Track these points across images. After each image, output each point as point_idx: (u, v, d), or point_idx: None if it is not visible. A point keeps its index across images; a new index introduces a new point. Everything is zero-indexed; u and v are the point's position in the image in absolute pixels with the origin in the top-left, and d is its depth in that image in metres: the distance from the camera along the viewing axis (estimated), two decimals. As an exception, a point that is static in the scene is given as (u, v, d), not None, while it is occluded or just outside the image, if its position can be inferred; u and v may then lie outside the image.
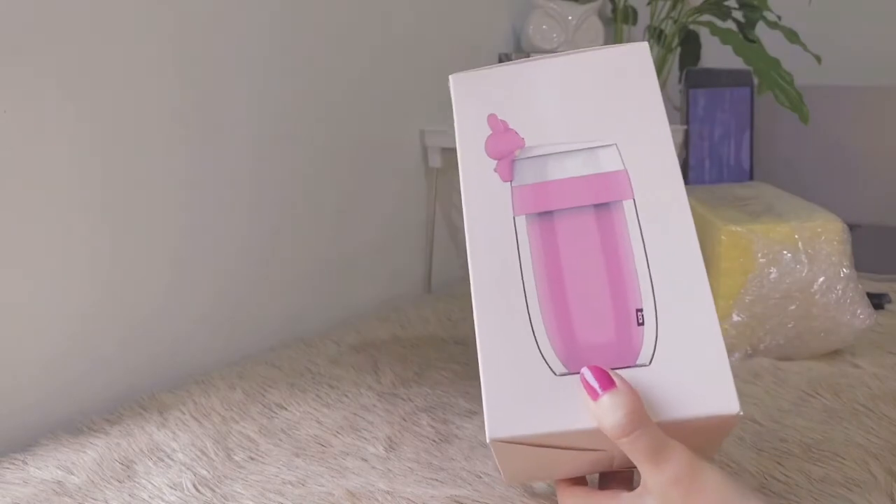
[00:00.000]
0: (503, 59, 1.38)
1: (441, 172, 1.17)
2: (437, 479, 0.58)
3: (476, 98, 0.54)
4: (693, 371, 0.44)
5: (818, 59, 1.17)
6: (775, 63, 1.09)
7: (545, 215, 0.50)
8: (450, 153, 1.16)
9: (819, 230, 0.80)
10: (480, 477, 0.58)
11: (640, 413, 0.41)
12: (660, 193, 0.49)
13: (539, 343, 0.47)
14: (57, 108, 0.69)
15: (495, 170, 0.51)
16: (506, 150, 0.52)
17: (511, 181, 0.51)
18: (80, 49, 0.70)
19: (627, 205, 0.49)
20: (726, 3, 1.25)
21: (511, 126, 0.52)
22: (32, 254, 0.68)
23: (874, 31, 1.49)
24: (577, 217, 0.49)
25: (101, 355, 0.74)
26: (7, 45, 0.65)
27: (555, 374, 0.46)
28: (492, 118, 0.53)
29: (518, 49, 1.31)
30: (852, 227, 0.84)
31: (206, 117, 0.83)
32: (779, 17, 1.20)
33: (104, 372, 0.75)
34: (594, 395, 0.43)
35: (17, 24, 0.65)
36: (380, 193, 1.08)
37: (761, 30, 1.21)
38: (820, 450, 0.61)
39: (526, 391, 0.46)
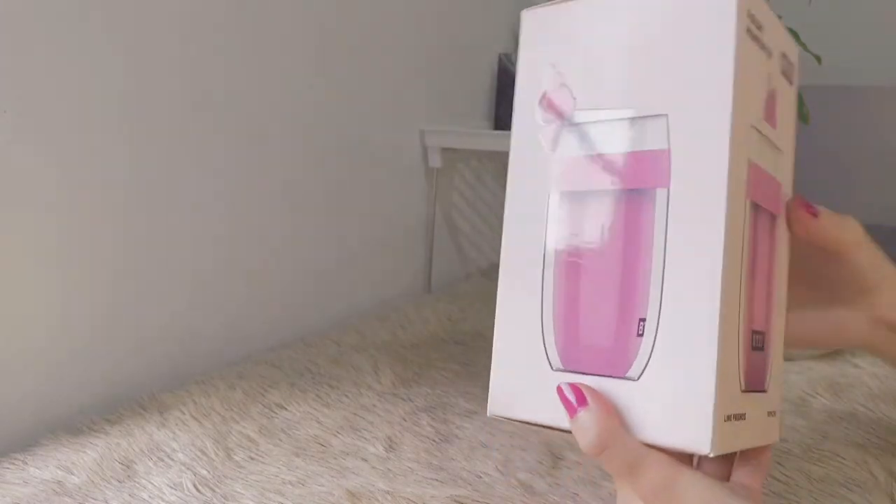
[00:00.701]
0: (503, 59, 1.38)
1: (441, 172, 1.17)
2: (437, 479, 0.58)
3: (541, 44, 0.47)
4: (676, 398, 0.40)
5: (818, 59, 1.17)
6: (775, 63, 1.08)
7: (577, 194, 0.44)
8: (450, 153, 1.16)
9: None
10: (480, 477, 0.58)
11: (611, 431, 0.40)
12: (698, 184, 0.40)
13: (544, 334, 0.44)
14: (55, 112, 0.69)
15: (543, 136, 0.45)
16: (555, 112, 0.45)
17: (553, 150, 0.45)
18: (89, 51, 0.70)
19: (660, 194, 0.41)
20: (726, 3, 1.25)
21: (567, 82, 0.45)
22: (33, 257, 0.68)
23: (874, 31, 1.49)
24: (606, 201, 0.43)
25: (101, 355, 0.74)
26: (9, 46, 0.65)
27: (552, 368, 0.44)
28: (551, 71, 0.46)
29: (518, 49, 1.31)
30: (852, 227, 0.84)
31: (205, 120, 0.83)
32: (779, 17, 1.20)
33: (104, 372, 0.75)
34: (571, 412, 0.42)
35: (18, 25, 0.65)
36: (380, 193, 1.08)
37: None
38: (820, 450, 0.61)
39: (525, 378, 0.45)
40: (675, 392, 0.40)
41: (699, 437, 0.39)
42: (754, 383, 0.42)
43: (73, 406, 0.71)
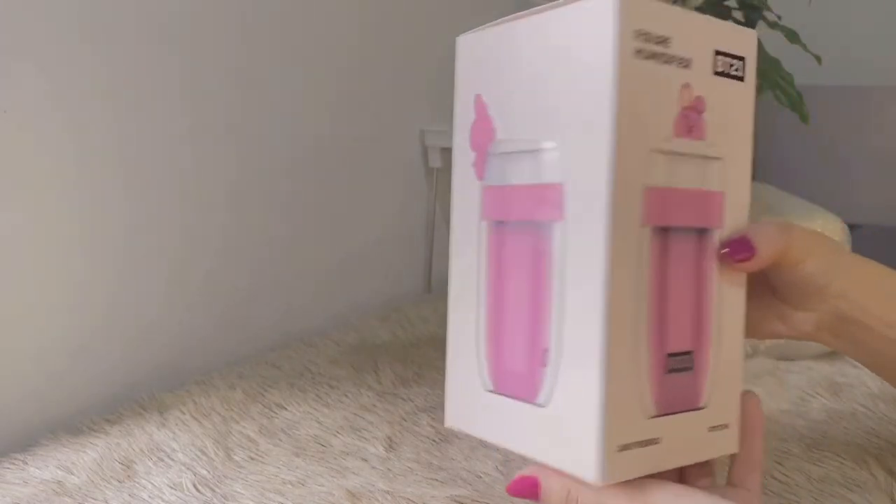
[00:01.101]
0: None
1: (441, 172, 1.17)
2: (437, 479, 0.58)
3: (472, 71, 0.48)
4: (572, 428, 0.40)
5: (818, 59, 1.17)
6: (775, 63, 1.09)
7: (500, 224, 0.45)
8: (450, 153, 1.16)
9: (819, 230, 0.80)
10: (480, 477, 0.58)
11: (570, 491, 0.41)
12: (584, 217, 0.39)
13: (479, 356, 0.46)
14: (55, 111, 0.69)
15: (473, 164, 0.47)
16: (480, 142, 0.46)
17: (481, 180, 0.46)
18: (85, 52, 0.70)
19: (556, 228, 0.41)
20: (726, 3, 1.25)
21: (490, 111, 0.46)
22: (34, 255, 0.68)
23: (874, 31, 1.49)
24: (520, 233, 0.44)
25: (101, 355, 0.74)
26: (9, 46, 0.65)
27: (485, 389, 0.45)
28: (478, 100, 0.47)
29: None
30: (852, 227, 0.84)
31: (205, 119, 0.83)
32: (779, 17, 1.20)
33: (104, 372, 0.75)
34: (535, 498, 0.43)
35: (18, 25, 0.65)
36: (380, 193, 1.08)
37: (761, 30, 1.21)
38: (820, 450, 0.61)
39: (469, 397, 0.46)
40: (572, 422, 0.41)
41: (590, 467, 0.39)
42: (678, 405, 0.42)
43: (73, 406, 0.71)
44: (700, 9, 1.27)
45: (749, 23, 1.23)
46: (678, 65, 0.41)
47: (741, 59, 0.44)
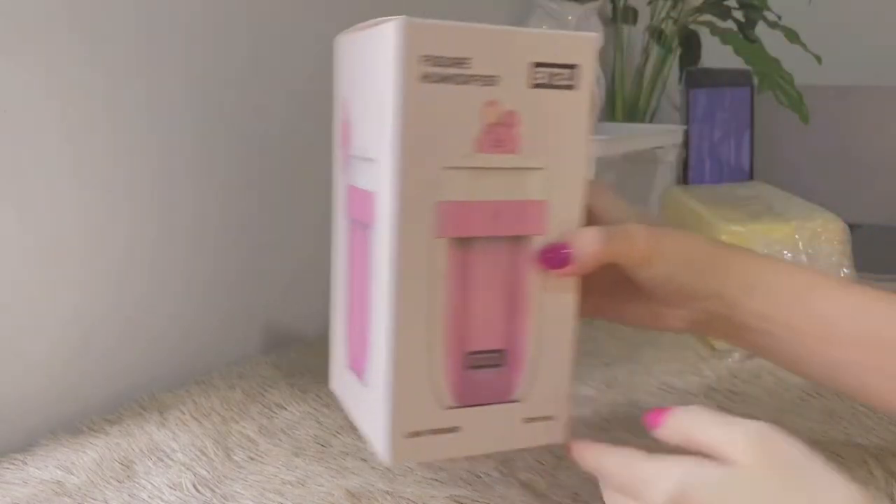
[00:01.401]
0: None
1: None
2: (437, 479, 0.58)
3: (340, 74, 0.51)
4: (375, 411, 0.45)
5: (818, 59, 1.17)
6: (775, 63, 1.09)
7: (352, 221, 0.49)
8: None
9: (819, 230, 0.80)
10: (480, 477, 0.58)
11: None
12: (381, 226, 0.43)
13: (343, 336, 0.52)
14: (59, 113, 0.69)
15: (341, 162, 0.51)
16: (344, 142, 0.50)
17: (346, 178, 0.50)
18: (84, 51, 0.70)
19: (372, 232, 0.45)
20: (726, 3, 1.25)
21: (349, 113, 0.49)
22: (33, 254, 0.68)
23: (874, 31, 1.49)
24: (360, 231, 0.47)
25: (101, 355, 0.74)
26: (8, 45, 0.65)
27: (345, 365, 0.52)
28: (343, 101, 0.50)
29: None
30: (852, 227, 0.84)
31: (205, 117, 0.83)
32: (779, 17, 1.20)
33: (104, 372, 0.75)
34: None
35: (18, 24, 0.65)
36: (380, 193, 1.08)
37: (761, 30, 1.21)
38: (820, 450, 0.61)
39: (339, 369, 0.53)
40: (374, 408, 0.45)
41: (382, 449, 0.45)
42: (483, 397, 0.45)
43: (73, 406, 0.71)
44: (699, 9, 1.28)
45: (749, 23, 1.23)
46: (480, 83, 0.41)
47: (571, 67, 0.43)
